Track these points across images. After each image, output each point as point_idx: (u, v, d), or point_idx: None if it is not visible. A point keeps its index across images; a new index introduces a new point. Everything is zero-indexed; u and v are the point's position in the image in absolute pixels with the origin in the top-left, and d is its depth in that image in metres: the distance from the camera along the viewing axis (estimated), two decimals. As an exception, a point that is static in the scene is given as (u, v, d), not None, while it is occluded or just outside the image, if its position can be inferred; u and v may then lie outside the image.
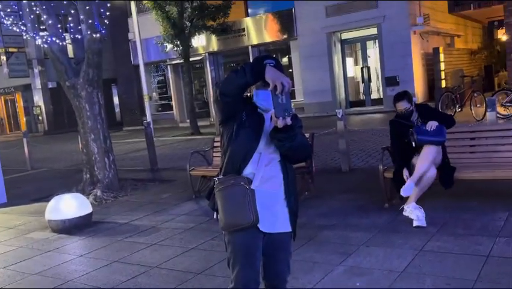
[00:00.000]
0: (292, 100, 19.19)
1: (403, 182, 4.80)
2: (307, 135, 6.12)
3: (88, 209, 6.05)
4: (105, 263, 4.59)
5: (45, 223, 6.01)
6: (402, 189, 4.73)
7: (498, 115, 9.19)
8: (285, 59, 20.17)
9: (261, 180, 2.42)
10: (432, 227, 4.47)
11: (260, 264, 2.52)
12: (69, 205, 5.87)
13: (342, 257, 4.01)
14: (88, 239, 5.49)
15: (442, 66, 16.44)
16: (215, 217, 2.56)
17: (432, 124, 4.71)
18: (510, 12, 14.82)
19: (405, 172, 4.86)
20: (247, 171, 2.42)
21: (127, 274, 4.22)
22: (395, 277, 3.52)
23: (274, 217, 2.46)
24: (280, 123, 2.27)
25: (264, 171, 2.43)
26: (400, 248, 4.07)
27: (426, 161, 4.70)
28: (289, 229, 2.53)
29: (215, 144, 6.91)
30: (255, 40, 19.85)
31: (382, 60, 17.51)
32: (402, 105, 4.97)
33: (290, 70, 19.70)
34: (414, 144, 4.79)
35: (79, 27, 7.93)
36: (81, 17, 7.79)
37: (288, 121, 2.27)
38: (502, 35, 20.71)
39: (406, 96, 5.01)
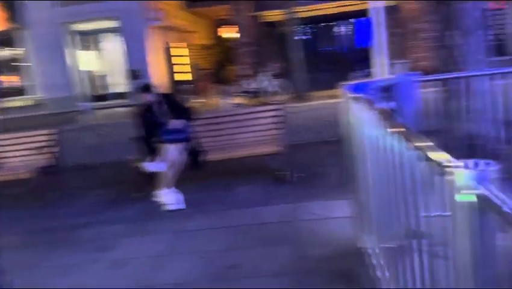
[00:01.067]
0: (30, 96, 17.46)
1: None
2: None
3: None
4: None
5: None
6: (147, 165, 4.79)
7: (231, 103, 10.27)
8: (18, 52, 18.07)
9: None
10: (187, 208, 4.68)
11: None
12: None
13: (99, 254, 3.84)
14: None
15: (180, 60, 17.37)
16: None
17: (174, 124, 4.94)
18: (238, 11, 16.63)
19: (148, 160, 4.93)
20: None
21: None
22: (155, 261, 3.56)
23: None
24: None
25: None
26: (156, 234, 4.14)
27: (173, 150, 4.88)
28: None
29: None
30: (-27, 29, 17.15)
31: (123, 53, 17.39)
32: (146, 97, 5.06)
33: (25, 64, 17.78)
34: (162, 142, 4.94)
35: None
36: None
37: None
38: (226, 33, 23.08)
39: (149, 88, 5.14)
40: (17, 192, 6.15)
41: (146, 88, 5.11)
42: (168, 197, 4.76)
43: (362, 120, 2.38)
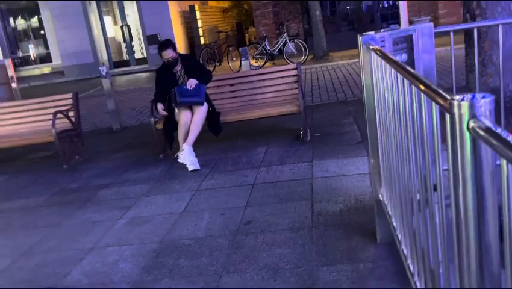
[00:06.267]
0: (49, 64, 17.65)
1: (173, 130, 4.99)
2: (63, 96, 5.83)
3: None
4: None
5: None
6: (189, 165, 4.77)
7: (251, 67, 10.17)
8: (34, 20, 18.19)
9: None
10: (205, 168, 4.76)
11: None
12: None
13: (122, 212, 3.95)
14: None
15: (199, 23, 17.19)
16: None
17: (191, 83, 4.91)
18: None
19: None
20: None
21: None
22: (175, 218, 3.65)
23: None
24: None
25: None
26: (178, 192, 4.22)
27: (187, 113, 4.94)
28: None
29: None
30: (-7, -2, 17.29)
31: (141, 18, 17.32)
32: (168, 54, 5.05)
33: (42, 32, 17.91)
34: (174, 105, 4.95)
35: None
36: None
37: None
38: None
39: (170, 44, 5.10)
40: (41, 156, 6.34)
41: (166, 45, 5.08)
42: (188, 158, 4.83)
43: (376, 71, 2.35)
